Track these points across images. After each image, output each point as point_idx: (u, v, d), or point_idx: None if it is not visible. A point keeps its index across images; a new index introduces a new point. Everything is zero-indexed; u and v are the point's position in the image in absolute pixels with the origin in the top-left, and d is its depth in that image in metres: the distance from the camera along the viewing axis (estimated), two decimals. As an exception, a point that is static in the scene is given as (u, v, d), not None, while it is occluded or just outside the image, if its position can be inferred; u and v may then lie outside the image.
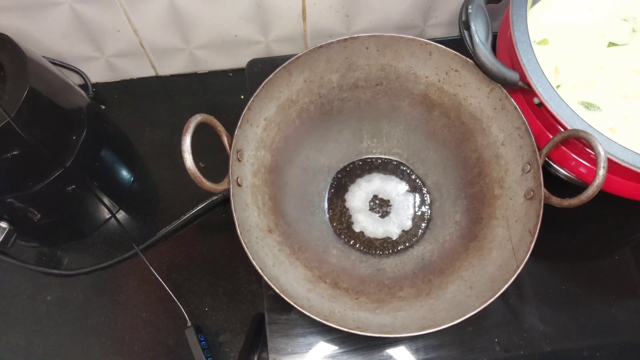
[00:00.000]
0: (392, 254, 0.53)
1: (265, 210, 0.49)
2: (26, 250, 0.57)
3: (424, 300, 0.47)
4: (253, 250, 0.43)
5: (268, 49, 0.63)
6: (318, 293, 0.46)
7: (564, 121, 0.44)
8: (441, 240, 0.53)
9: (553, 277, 0.53)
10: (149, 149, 0.62)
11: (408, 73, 0.52)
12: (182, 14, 0.56)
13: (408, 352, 0.49)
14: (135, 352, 0.53)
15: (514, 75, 0.46)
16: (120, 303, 0.55)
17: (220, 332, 0.53)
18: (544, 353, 0.49)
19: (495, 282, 0.43)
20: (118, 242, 0.57)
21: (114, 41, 0.59)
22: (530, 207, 0.45)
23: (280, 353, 0.48)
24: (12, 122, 0.41)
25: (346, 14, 0.59)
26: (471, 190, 0.52)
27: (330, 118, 0.55)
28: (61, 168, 0.48)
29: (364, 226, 0.54)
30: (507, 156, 0.49)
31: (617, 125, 0.48)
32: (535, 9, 0.53)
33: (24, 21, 0.54)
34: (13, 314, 0.54)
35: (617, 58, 0.51)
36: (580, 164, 0.46)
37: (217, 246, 0.57)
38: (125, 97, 0.65)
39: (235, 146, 0.46)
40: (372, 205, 0.56)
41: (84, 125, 0.50)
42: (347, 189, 0.56)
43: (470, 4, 0.47)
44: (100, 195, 0.55)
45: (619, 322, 0.51)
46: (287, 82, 0.50)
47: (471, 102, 0.51)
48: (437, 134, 0.55)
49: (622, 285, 0.53)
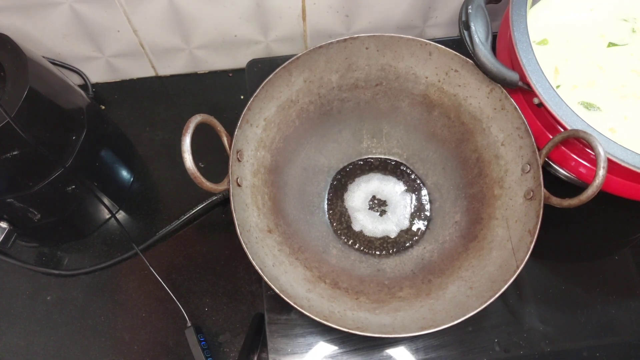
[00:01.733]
0: (392, 254, 0.53)
1: (265, 211, 0.49)
2: (26, 250, 0.57)
3: (423, 300, 0.47)
4: (253, 250, 0.43)
5: (268, 49, 0.63)
6: (318, 293, 0.46)
7: (563, 121, 0.44)
8: (441, 241, 0.53)
9: (553, 277, 0.53)
10: (149, 149, 0.62)
11: (408, 73, 0.52)
12: (182, 14, 0.56)
13: (408, 352, 0.49)
14: (135, 352, 0.53)
15: (514, 76, 0.46)
16: (120, 303, 0.55)
17: (220, 332, 0.53)
18: (544, 353, 0.49)
19: (495, 282, 0.43)
20: (118, 242, 0.57)
21: (114, 41, 0.59)
22: (530, 208, 0.45)
23: (280, 353, 0.48)
24: (12, 122, 0.41)
25: (346, 14, 0.59)
26: (471, 191, 0.52)
27: (330, 118, 0.55)
28: (61, 168, 0.48)
29: (363, 225, 0.54)
30: (507, 156, 0.49)
31: (617, 126, 0.48)
32: (535, 9, 0.53)
33: (24, 21, 0.54)
34: (13, 314, 0.54)
35: (617, 58, 0.51)
36: (580, 164, 0.46)
37: (217, 246, 0.57)
38: (125, 97, 0.65)
39: (235, 146, 0.46)
40: (371, 204, 0.56)
41: (84, 125, 0.50)
42: (347, 189, 0.56)
43: (470, 4, 0.47)
44: (100, 195, 0.55)
45: (619, 322, 0.51)
46: (287, 82, 0.50)
47: (471, 102, 0.51)
48: (437, 134, 0.55)
49: (622, 285, 0.53)
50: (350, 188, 0.56)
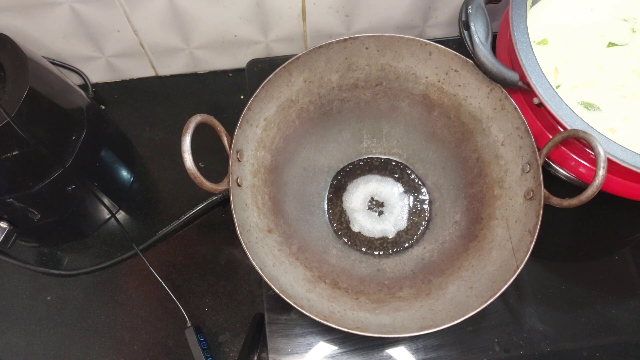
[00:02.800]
0: (392, 254, 0.53)
1: (265, 211, 0.49)
2: (26, 250, 0.57)
3: (423, 300, 0.47)
4: (253, 250, 0.43)
5: (268, 49, 0.63)
6: (318, 293, 0.46)
7: (563, 121, 0.44)
8: (441, 240, 0.53)
9: (553, 277, 0.53)
10: (149, 149, 0.62)
11: (408, 73, 0.52)
12: (182, 14, 0.56)
13: (408, 352, 0.49)
14: (135, 352, 0.53)
15: (514, 76, 0.46)
16: (120, 303, 0.55)
17: (220, 332, 0.53)
18: (544, 353, 0.49)
19: (495, 282, 0.43)
20: (118, 242, 0.57)
21: (114, 41, 0.59)
22: (530, 208, 0.45)
23: (280, 353, 0.48)
24: (12, 122, 0.41)
25: (346, 14, 0.59)
26: (471, 191, 0.52)
27: (330, 118, 0.55)
28: (61, 168, 0.48)
29: (362, 225, 0.54)
30: (507, 156, 0.49)
31: (617, 126, 0.48)
32: (535, 9, 0.53)
33: (24, 21, 0.54)
34: (13, 314, 0.54)
35: (617, 58, 0.51)
36: (580, 164, 0.46)
37: (217, 246, 0.57)
38: (125, 97, 0.65)
39: (235, 146, 0.46)
40: (370, 205, 0.56)
41: (84, 125, 0.50)
42: (346, 189, 0.56)
43: (470, 4, 0.47)
44: (100, 195, 0.55)
45: (619, 322, 0.51)
46: (287, 82, 0.50)
47: (471, 102, 0.51)
48: (437, 134, 0.55)
49: (622, 285, 0.53)
50: (349, 189, 0.56)
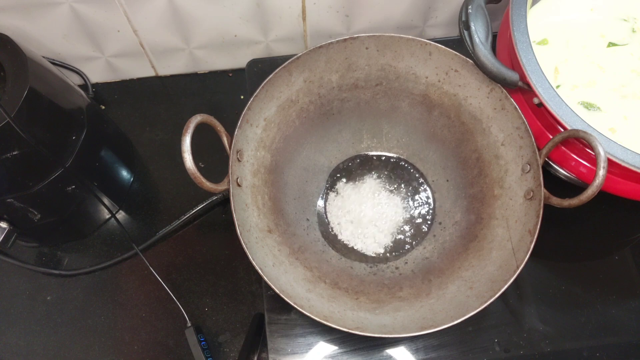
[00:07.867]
0: (392, 254, 0.53)
1: (265, 211, 0.49)
2: (26, 250, 0.57)
3: (423, 300, 0.47)
4: (253, 251, 0.43)
5: (268, 49, 0.63)
6: (318, 293, 0.46)
7: (563, 121, 0.44)
8: (441, 241, 0.53)
9: (553, 277, 0.53)
10: (149, 149, 0.62)
11: (408, 73, 0.52)
12: (182, 14, 0.56)
13: (408, 352, 0.49)
14: (135, 352, 0.53)
15: (514, 76, 0.46)
16: (120, 303, 0.55)
17: (220, 332, 0.53)
18: (544, 353, 0.49)
19: (495, 282, 0.43)
20: (118, 242, 0.57)
21: (114, 41, 0.59)
22: (530, 207, 0.45)
23: (280, 353, 0.48)
24: (12, 122, 0.41)
25: (346, 14, 0.59)
26: (471, 191, 0.52)
27: (330, 118, 0.55)
28: (61, 168, 0.48)
29: (361, 225, 0.54)
30: (507, 156, 0.49)
31: (617, 126, 0.48)
32: (535, 9, 0.53)
33: (24, 21, 0.54)
34: (13, 314, 0.54)
35: (617, 58, 0.51)
36: (580, 164, 0.46)
37: (217, 246, 0.57)
38: (125, 97, 0.65)
39: (235, 146, 0.46)
40: (370, 205, 0.55)
41: (84, 125, 0.50)
42: (346, 189, 0.56)
43: (470, 4, 0.47)
44: (100, 195, 0.55)
45: (619, 322, 0.51)
46: (287, 82, 0.50)
47: (471, 102, 0.51)
48: (437, 134, 0.55)
49: (622, 285, 0.53)
50: (349, 190, 0.56)
